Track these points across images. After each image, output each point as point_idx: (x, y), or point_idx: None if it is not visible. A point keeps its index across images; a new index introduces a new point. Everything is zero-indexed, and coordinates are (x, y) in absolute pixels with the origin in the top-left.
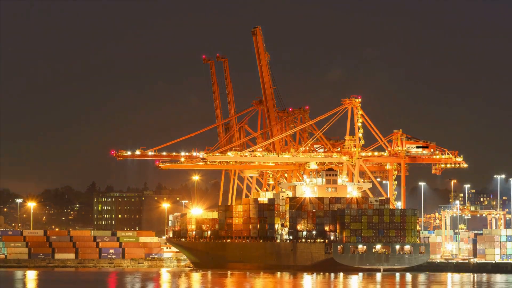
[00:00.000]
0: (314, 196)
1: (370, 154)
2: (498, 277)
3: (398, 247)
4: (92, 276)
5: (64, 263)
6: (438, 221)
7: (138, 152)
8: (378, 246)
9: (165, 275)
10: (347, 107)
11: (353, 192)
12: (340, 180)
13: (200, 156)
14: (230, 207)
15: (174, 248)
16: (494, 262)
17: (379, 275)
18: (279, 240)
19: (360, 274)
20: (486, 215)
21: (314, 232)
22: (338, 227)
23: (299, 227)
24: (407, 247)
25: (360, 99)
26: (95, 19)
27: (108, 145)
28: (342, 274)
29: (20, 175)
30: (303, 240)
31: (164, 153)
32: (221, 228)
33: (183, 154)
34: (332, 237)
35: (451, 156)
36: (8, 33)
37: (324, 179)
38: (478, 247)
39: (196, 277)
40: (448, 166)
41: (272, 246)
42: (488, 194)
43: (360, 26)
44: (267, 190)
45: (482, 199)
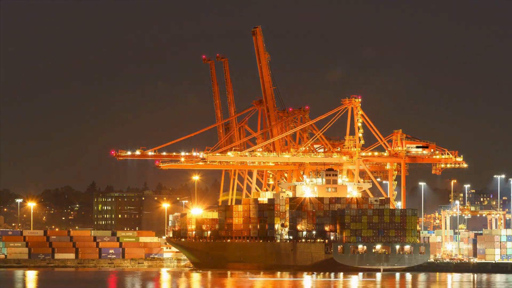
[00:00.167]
0: (314, 196)
1: (370, 154)
2: (498, 277)
3: (398, 247)
4: (92, 276)
5: (64, 263)
6: (438, 221)
7: (138, 152)
8: (378, 246)
9: (165, 275)
10: (347, 107)
11: (353, 192)
12: (340, 180)
13: (200, 156)
14: (230, 207)
15: (174, 248)
16: (494, 262)
17: (379, 275)
18: (279, 240)
19: (360, 274)
20: (486, 215)
21: (314, 232)
22: (338, 227)
23: (299, 227)
24: (407, 247)
25: (360, 99)
26: (95, 19)
27: (108, 145)
28: (342, 274)
29: (20, 175)
30: (303, 240)
31: (164, 153)
32: (221, 228)
33: (183, 154)
34: (332, 237)
35: (451, 156)
36: (8, 33)
37: (324, 179)
38: (478, 247)
39: (196, 277)
40: (448, 166)
41: (272, 246)
42: (488, 194)
43: (360, 26)
44: (267, 190)
45: (482, 199)
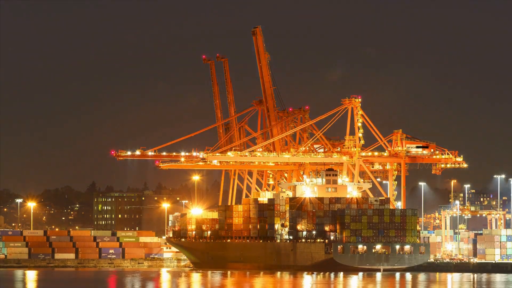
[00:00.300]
0: (314, 196)
1: (370, 154)
2: (498, 277)
3: (398, 247)
4: (92, 276)
5: (64, 263)
6: (438, 221)
7: (138, 152)
8: (378, 246)
9: (165, 275)
10: (347, 107)
11: (353, 192)
12: (340, 180)
13: (200, 156)
14: (230, 207)
15: (174, 248)
16: (494, 262)
17: (379, 275)
18: (279, 240)
19: (360, 274)
20: (486, 215)
21: (314, 232)
22: (338, 227)
23: (299, 227)
24: (407, 247)
25: (360, 99)
26: (95, 19)
27: (108, 145)
28: (342, 274)
29: (20, 175)
30: (303, 240)
31: (164, 153)
32: (221, 228)
33: (183, 154)
34: (332, 237)
35: (451, 156)
36: (8, 33)
37: (324, 179)
38: (478, 247)
39: (196, 277)
40: (448, 166)
41: (272, 246)
42: (488, 194)
43: (360, 26)
44: (267, 190)
45: (482, 199)
